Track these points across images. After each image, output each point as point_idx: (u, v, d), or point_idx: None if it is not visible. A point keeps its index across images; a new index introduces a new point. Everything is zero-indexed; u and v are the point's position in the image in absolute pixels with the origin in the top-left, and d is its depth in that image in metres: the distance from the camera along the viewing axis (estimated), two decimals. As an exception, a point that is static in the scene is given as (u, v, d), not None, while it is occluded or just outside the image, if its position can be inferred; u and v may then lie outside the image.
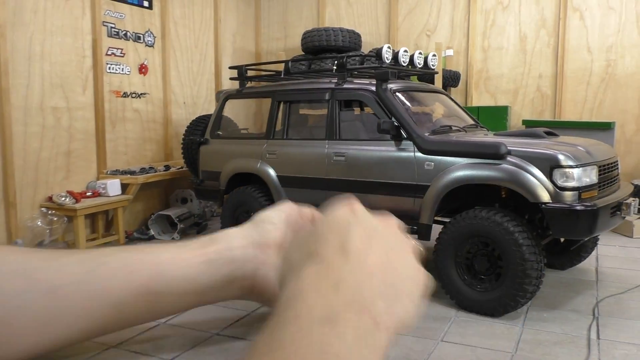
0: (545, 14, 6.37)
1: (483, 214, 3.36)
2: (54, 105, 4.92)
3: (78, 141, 5.18)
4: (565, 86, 6.32)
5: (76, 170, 5.17)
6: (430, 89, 4.89)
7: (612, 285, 3.88)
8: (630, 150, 6.07)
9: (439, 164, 3.67)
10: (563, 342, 2.95)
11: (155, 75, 6.07)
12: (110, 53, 5.47)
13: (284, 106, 4.73)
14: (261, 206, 4.51)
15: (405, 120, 3.89)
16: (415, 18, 7.01)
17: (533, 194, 3.28)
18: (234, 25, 7.41)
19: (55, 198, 4.76)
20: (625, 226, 5.21)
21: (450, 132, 4.12)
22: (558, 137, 3.87)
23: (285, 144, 4.59)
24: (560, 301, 3.59)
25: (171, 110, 6.29)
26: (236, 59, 7.26)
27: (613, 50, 6.11)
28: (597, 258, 4.55)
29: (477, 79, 6.73)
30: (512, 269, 3.20)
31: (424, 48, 6.69)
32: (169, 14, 6.20)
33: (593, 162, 3.39)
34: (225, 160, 4.95)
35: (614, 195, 3.52)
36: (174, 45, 6.32)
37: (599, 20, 6.14)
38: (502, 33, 6.58)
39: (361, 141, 4.23)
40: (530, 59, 6.48)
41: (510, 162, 3.39)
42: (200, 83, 6.79)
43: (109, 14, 5.43)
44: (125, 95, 5.69)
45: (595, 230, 3.27)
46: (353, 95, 4.32)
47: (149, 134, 6.04)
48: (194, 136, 5.32)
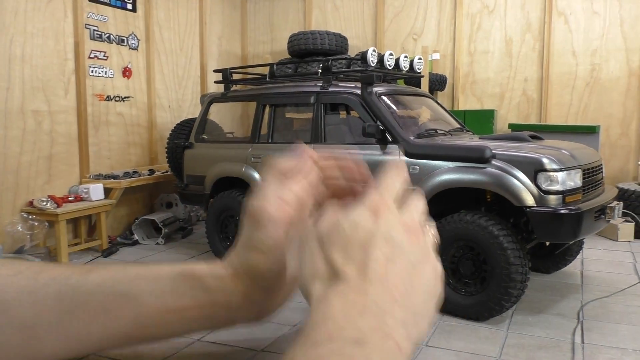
0: (530, 18, 6.40)
1: (468, 217, 3.34)
2: (35, 108, 4.85)
3: (60, 145, 5.11)
4: (550, 90, 6.35)
5: (58, 175, 5.10)
6: (416, 92, 4.88)
7: (597, 288, 3.88)
8: (614, 153, 6.10)
9: (425, 167, 3.65)
10: (547, 347, 2.94)
11: (139, 78, 6.01)
12: (93, 56, 5.41)
13: (269, 110, 4.70)
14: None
15: (390, 123, 3.87)
16: (401, 21, 7.01)
17: (517, 198, 3.28)
18: (219, 28, 7.37)
19: (36, 203, 4.68)
20: (610, 229, 5.23)
21: (436, 136, 4.11)
22: (543, 141, 3.87)
23: (271, 148, 4.56)
24: (545, 305, 3.59)
25: (156, 113, 6.23)
26: (222, 62, 7.22)
27: (598, 55, 6.15)
28: (582, 261, 4.56)
29: (463, 83, 6.75)
30: (497, 273, 3.19)
31: (410, 51, 6.69)
32: (153, 17, 6.15)
33: (577, 165, 3.40)
34: (210, 165, 4.90)
35: (598, 199, 3.53)
36: (159, 48, 6.26)
37: (583, 25, 6.18)
38: (488, 37, 6.61)
39: (347, 145, 4.21)
40: (516, 63, 6.51)
41: (495, 165, 3.38)
42: (186, 86, 6.74)
43: (91, 17, 5.37)
44: (108, 98, 5.62)
45: (579, 233, 3.27)
46: (338, 98, 4.30)
47: (133, 138, 5.97)
48: (179, 140, 5.26)
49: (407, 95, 4.67)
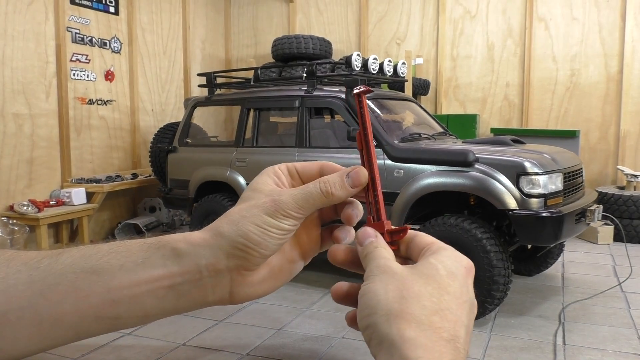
0: (511, 24, 6.49)
1: (452, 221, 3.37)
2: (15, 111, 4.79)
3: (41, 149, 5.04)
4: (531, 95, 6.44)
5: (39, 179, 5.03)
6: (400, 96, 4.92)
7: (578, 291, 3.94)
8: (594, 157, 6.20)
9: (409, 171, 3.68)
10: (530, 348, 2.98)
11: (122, 82, 5.96)
12: (75, 59, 5.36)
13: (253, 114, 4.69)
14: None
15: (374, 127, 3.89)
16: (385, 26, 7.06)
17: (500, 201, 3.32)
18: (203, 32, 7.34)
19: (17, 207, 4.61)
20: (589, 232, 5.31)
21: (420, 140, 4.15)
22: (525, 145, 3.92)
23: (255, 152, 4.55)
24: (527, 307, 3.63)
25: (139, 117, 6.19)
26: (206, 66, 7.19)
27: (577, 60, 6.25)
28: (563, 264, 4.62)
29: (446, 87, 6.81)
30: (480, 276, 3.21)
31: (394, 56, 6.74)
32: (136, 20, 6.11)
33: (558, 169, 3.45)
34: (194, 169, 4.88)
35: (579, 202, 3.58)
36: (142, 51, 6.22)
37: (563, 30, 6.29)
38: (470, 42, 6.68)
39: (331, 149, 4.22)
40: (498, 68, 6.59)
41: (478, 169, 3.42)
42: (169, 90, 6.70)
43: (73, 20, 5.32)
44: (90, 102, 5.57)
45: (560, 236, 3.31)
46: (323, 102, 4.31)
47: (115, 142, 5.92)
48: (162, 144, 5.23)
49: (391, 100, 4.70)
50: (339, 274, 4.39)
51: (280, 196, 0.57)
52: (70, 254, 0.59)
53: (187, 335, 3.04)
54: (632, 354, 2.89)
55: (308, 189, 0.57)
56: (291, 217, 0.56)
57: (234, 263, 0.57)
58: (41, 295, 0.57)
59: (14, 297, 0.57)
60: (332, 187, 0.57)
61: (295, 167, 0.62)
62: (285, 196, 0.57)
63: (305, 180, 0.61)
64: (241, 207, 0.57)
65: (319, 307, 3.60)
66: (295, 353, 2.53)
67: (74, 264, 0.59)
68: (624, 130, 6.07)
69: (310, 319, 3.40)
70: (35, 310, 0.57)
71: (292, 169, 0.62)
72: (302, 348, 2.78)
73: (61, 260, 0.59)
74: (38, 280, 0.58)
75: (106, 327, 0.59)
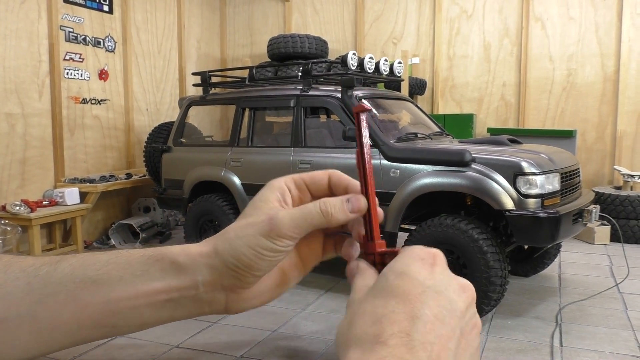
0: (508, 23, 6.48)
1: (448, 221, 3.34)
2: (7, 111, 4.74)
3: (34, 148, 5.00)
4: (528, 94, 6.42)
5: (32, 179, 4.98)
6: (397, 96, 4.89)
7: (575, 292, 3.92)
8: (591, 158, 6.19)
9: (405, 171, 3.65)
10: (527, 350, 2.95)
11: (116, 81, 5.92)
12: (68, 58, 5.31)
13: (248, 113, 4.66)
14: (225, 215, 4.42)
15: (371, 127, 3.86)
16: (381, 26, 7.03)
17: (497, 201, 3.29)
18: (198, 31, 7.30)
19: (9, 207, 4.56)
20: (586, 233, 5.30)
21: (416, 140, 4.12)
22: (521, 145, 3.90)
23: (250, 152, 4.52)
24: (524, 308, 3.60)
25: (133, 117, 6.14)
26: (201, 65, 7.15)
27: (574, 60, 6.24)
28: (560, 265, 4.60)
29: (442, 87, 6.79)
30: (476, 277, 3.19)
31: (390, 55, 6.71)
32: (130, 19, 6.06)
33: (555, 169, 3.42)
34: (189, 168, 4.84)
35: (576, 202, 3.56)
36: (136, 50, 6.18)
37: (559, 30, 6.27)
38: (466, 41, 6.66)
39: (327, 148, 4.19)
40: (495, 68, 6.57)
41: (474, 169, 3.39)
42: (164, 89, 6.66)
43: (66, 18, 5.27)
44: (84, 101, 5.52)
45: (557, 237, 3.29)
46: (318, 102, 4.28)
47: (109, 142, 5.87)
48: (157, 144, 5.19)
49: (387, 99, 4.67)
50: (334, 275, 4.34)
51: (278, 215, 0.56)
52: (69, 262, 0.60)
53: (181, 337, 3.00)
54: (630, 356, 2.87)
55: (307, 208, 0.57)
56: (286, 237, 0.56)
57: (228, 282, 0.58)
58: (40, 303, 0.57)
59: (12, 305, 0.57)
60: (332, 208, 0.56)
61: (303, 180, 0.62)
62: (283, 215, 0.56)
63: (314, 192, 0.61)
64: (240, 224, 0.58)
65: (314, 309, 3.57)
66: (291, 354, 2.48)
67: (73, 273, 0.59)
68: (620, 130, 6.06)
69: (306, 320, 3.37)
70: (34, 318, 0.57)
71: (299, 182, 0.62)
72: (297, 349, 2.75)
73: (60, 269, 0.59)
74: (37, 288, 0.58)
75: (103, 334, 0.60)
